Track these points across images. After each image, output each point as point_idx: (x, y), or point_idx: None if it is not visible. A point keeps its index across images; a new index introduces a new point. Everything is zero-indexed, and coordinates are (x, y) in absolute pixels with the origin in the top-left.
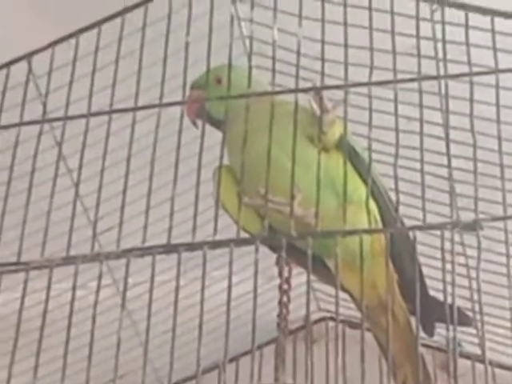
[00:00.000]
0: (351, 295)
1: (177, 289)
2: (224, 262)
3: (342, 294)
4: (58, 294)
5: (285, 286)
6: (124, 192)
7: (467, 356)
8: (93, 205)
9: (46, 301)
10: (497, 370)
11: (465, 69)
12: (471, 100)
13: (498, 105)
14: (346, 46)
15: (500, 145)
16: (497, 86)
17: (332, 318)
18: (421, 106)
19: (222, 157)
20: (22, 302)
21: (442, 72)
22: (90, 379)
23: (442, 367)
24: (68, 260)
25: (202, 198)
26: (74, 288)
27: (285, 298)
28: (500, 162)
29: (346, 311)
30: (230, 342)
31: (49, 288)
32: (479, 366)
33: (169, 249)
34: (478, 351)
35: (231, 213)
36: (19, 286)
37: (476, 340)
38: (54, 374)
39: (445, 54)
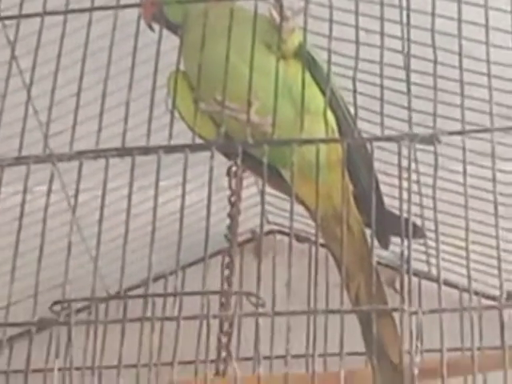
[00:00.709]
0: (306, 206)
1: (130, 193)
2: (174, 172)
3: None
4: (4, 198)
5: (235, 199)
6: (78, 94)
7: (415, 273)
8: (45, 107)
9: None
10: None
11: None
12: (433, 14)
13: (459, 20)
14: None
15: (460, 61)
16: (459, 1)
17: (280, 232)
18: (382, 18)
19: (178, 62)
20: None
21: None
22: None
23: (388, 284)
24: (20, 160)
25: (157, 104)
26: (24, 190)
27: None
28: (460, 78)
29: (294, 224)
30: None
31: None
32: (425, 283)
33: (123, 152)
34: (425, 268)
35: (186, 119)
36: None
37: (423, 257)
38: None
39: None
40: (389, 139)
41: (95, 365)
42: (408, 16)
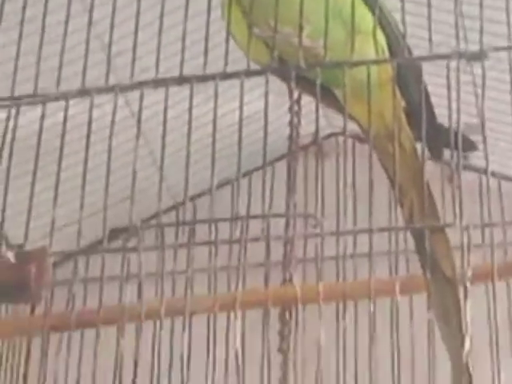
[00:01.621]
0: (359, 124)
1: (190, 113)
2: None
3: None
4: (73, 116)
5: (295, 108)
6: (136, 16)
7: (474, 169)
8: (106, 29)
9: (63, 130)
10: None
11: None
12: None
13: None
14: None
15: None
16: None
17: (342, 134)
18: None
19: None
20: (41, 126)
21: None
22: (109, 195)
23: (449, 180)
24: (83, 92)
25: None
26: (89, 120)
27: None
28: None
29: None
30: (242, 158)
31: (65, 120)
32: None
33: (181, 81)
34: (483, 164)
35: (240, 44)
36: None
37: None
38: (73, 191)
39: None
40: (437, 57)
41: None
42: None
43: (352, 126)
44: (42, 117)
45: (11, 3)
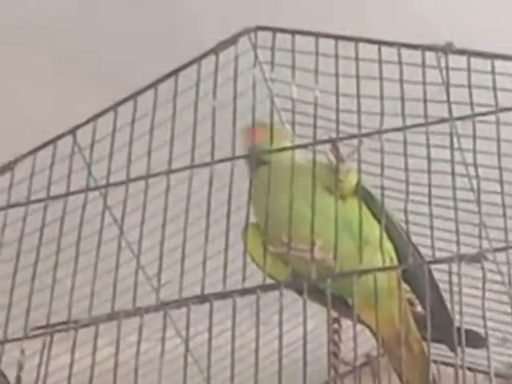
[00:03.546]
0: (370, 329)
1: (209, 340)
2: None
3: None
4: (122, 349)
5: (335, 326)
6: (160, 257)
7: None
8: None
9: (116, 355)
10: None
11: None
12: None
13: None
14: (358, 96)
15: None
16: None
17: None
18: (428, 146)
19: (248, 211)
20: (94, 358)
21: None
22: None
23: None
24: (112, 316)
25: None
26: (139, 341)
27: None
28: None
29: None
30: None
31: (118, 343)
32: None
33: (201, 299)
34: None
35: (257, 261)
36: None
37: None
38: None
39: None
40: (439, 261)
41: None
42: (459, 142)
43: None
44: (95, 341)
45: None
